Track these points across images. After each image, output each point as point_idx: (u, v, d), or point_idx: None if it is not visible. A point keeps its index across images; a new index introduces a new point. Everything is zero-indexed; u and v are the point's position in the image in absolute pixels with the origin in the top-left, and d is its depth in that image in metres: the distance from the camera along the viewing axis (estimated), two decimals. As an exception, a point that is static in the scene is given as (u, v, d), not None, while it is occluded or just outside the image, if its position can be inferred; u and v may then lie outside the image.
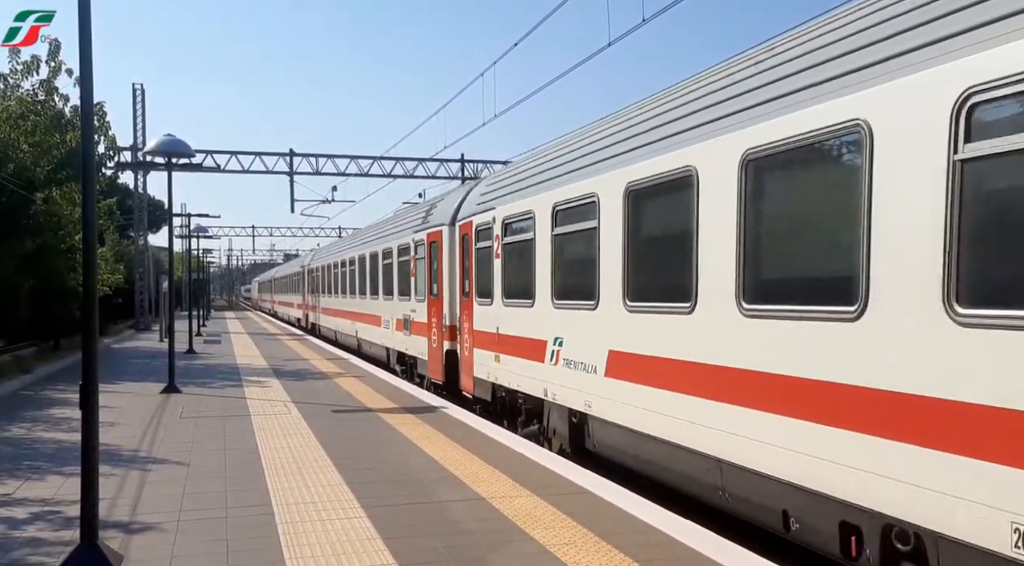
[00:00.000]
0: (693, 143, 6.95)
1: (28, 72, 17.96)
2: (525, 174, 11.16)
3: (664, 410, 7.35)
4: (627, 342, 8.06)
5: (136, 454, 9.38)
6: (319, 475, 8.16)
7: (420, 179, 39.52)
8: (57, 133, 18.68)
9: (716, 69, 7.20)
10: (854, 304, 5.13)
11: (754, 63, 6.52)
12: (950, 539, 4.52)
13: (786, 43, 6.22)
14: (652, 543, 5.91)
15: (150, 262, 40.78)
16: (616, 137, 8.54)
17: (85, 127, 5.69)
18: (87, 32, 5.39)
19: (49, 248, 20.07)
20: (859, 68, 5.17)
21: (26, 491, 7.68)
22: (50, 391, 15.56)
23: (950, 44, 4.51)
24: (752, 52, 6.71)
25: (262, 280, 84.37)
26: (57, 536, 6.19)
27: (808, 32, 5.99)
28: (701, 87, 7.24)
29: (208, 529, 6.37)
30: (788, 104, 5.79)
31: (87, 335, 5.50)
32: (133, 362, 21.81)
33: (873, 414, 4.98)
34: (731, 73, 6.81)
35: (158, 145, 14.52)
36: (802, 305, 5.65)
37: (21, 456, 9.33)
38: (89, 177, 5.65)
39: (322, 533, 6.21)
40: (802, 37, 6.01)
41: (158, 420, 11.89)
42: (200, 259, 49.24)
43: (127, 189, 44.07)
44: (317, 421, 11.49)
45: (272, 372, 18.71)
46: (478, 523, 6.47)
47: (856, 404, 5.12)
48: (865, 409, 5.04)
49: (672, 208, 7.50)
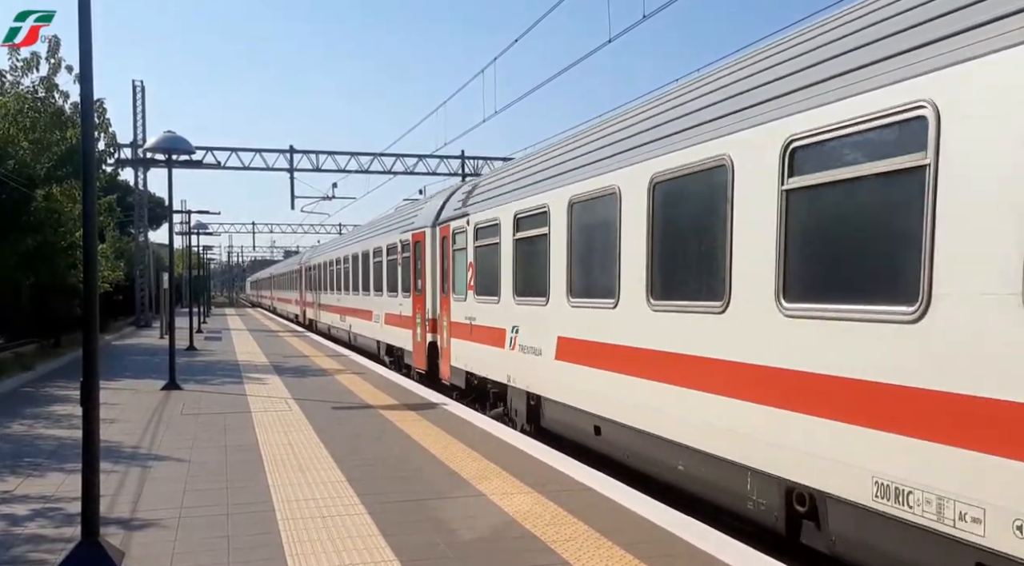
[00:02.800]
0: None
1: (28, 69, 17.94)
2: (492, 185, 12.93)
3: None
4: (571, 330, 9.52)
5: (137, 451, 9.39)
6: (320, 472, 8.17)
7: (420, 176, 39.49)
8: (57, 130, 18.64)
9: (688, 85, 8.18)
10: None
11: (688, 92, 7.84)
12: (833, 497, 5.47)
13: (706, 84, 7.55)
14: (653, 539, 5.92)
15: (150, 259, 40.78)
16: (561, 159, 10.26)
17: (85, 124, 5.68)
18: (87, 29, 5.38)
19: (50, 245, 20.03)
20: (725, 115, 6.73)
21: (27, 488, 7.69)
22: (51, 388, 15.57)
23: (780, 110, 5.98)
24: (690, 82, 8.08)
25: (256, 278, 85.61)
26: (58, 533, 6.21)
27: (699, 85, 7.61)
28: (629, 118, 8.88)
29: (209, 525, 6.38)
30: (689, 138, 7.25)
31: (88, 332, 5.50)
32: (134, 359, 21.82)
33: (754, 386, 6.22)
34: (703, 89, 7.62)
35: (158, 142, 14.52)
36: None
37: (22, 453, 9.34)
38: (89, 174, 5.64)
39: (323, 529, 6.22)
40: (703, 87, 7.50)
41: (159, 417, 11.90)
42: (200, 256, 49.26)
43: (127, 186, 44.06)
44: (318, 418, 11.50)
45: (273, 369, 18.73)
46: (479, 520, 6.48)
47: (732, 377, 6.49)
48: (745, 381, 6.32)
49: (600, 218, 8.86)
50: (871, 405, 5.03)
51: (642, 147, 8.04)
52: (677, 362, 7.27)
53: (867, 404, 5.07)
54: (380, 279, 20.62)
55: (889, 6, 5.34)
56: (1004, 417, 4.19)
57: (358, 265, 24.01)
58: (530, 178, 11.05)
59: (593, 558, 5.52)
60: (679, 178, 7.31)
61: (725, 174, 6.51)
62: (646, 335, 7.84)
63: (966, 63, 4.53)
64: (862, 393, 5.11)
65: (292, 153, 37.23)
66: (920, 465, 4.66)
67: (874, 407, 5.01)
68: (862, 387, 5.12)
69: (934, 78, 4.70)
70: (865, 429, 5.08)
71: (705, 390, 6.84)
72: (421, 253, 16.41)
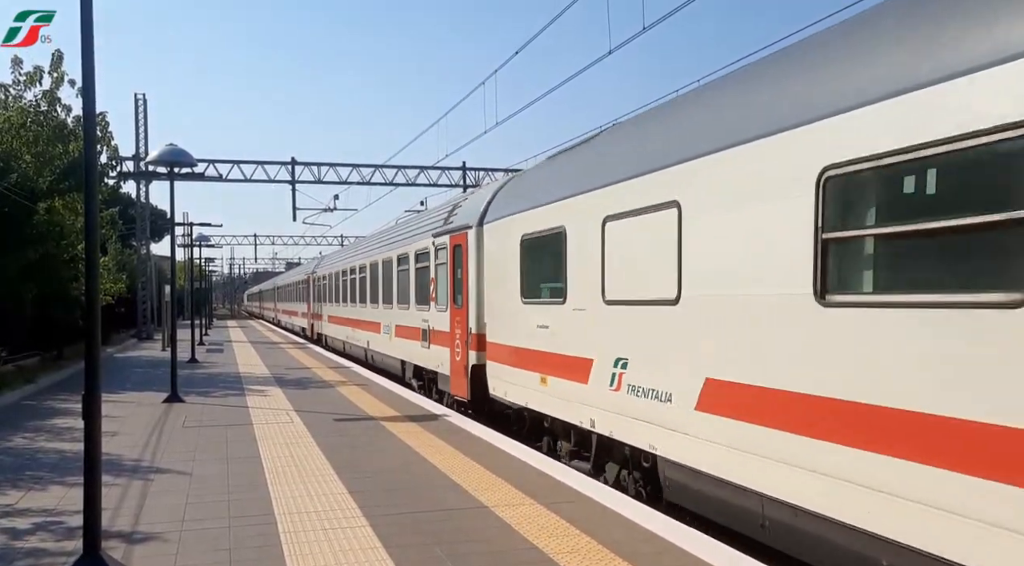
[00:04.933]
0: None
1: (31, 83, 18.04)
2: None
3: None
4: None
5: (139, 464, 9.37)
6: (321, 484, 8.15)
7: (422, 187, 39.49)
8: (59, 143, 18.72)
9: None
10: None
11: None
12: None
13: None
14: (657, 552, 5.89)
15: (152, 271, 40.82)
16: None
17: (87, 137, 5.70)
18: (89, 42, 5.41)
19: (52, 258, 20.09)
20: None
21: (29, 501, 7.67)
22: (53, 401, 15.55)
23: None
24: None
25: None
26: (59, 546, 6.18)
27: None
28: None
29: (211, 539, 6.36)
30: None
31: (90, 345, 5.50)
32: (135, 371, 21.81)
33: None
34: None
35: (160, 155, 14.56)
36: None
37: (24, 466, 9.32)
38: (91, 187, 5.66)
39: (325, 542, 6.20)
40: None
41: (160, 430, 11.88)
42: (202, 268, 49.29)
43: (129, 199, 44.10)
44: (319, 430, 11.48)
45: (274, 381, 18.70)
46: (481, 531, 6.45)
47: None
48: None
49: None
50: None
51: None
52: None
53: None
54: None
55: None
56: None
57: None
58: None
59: (596, 570, 5.49)
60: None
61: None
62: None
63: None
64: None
65: (294, 165, 37.31)
66: None
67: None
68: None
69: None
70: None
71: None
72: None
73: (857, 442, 4.95)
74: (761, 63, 6.92)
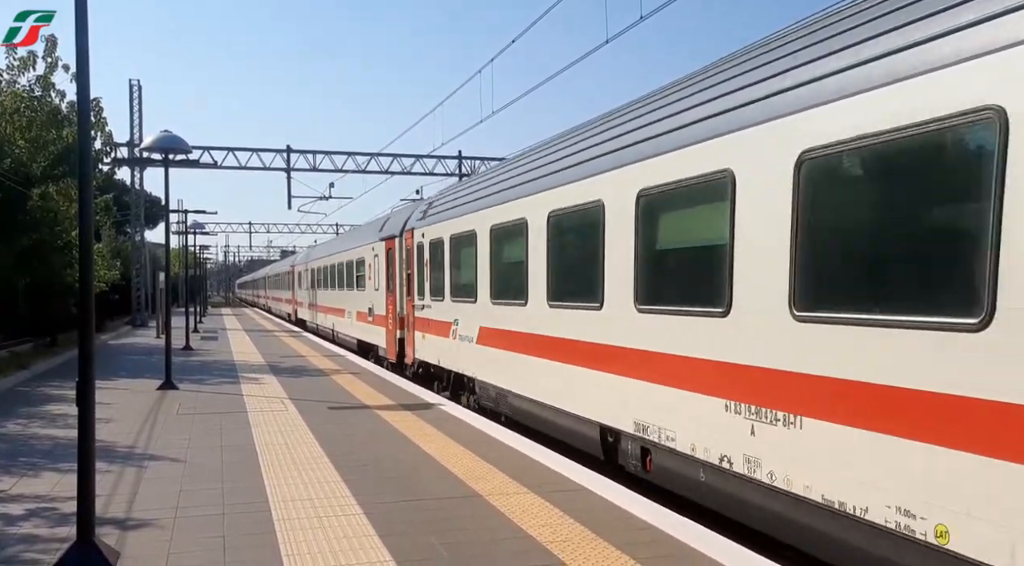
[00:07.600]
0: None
1: (25, 68, 17.91)
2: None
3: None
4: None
5: (132, 451, 9.37)
6: (316, 472, 8.17)
7: (417, 176, 39.44)
8: (53, 129, 18.63)
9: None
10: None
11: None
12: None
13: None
14: (649, 540, 5.92)
15: (147, 258, 40.70)
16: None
17: (82, 123, 5.67)
18: (84, 28, 5.37)
19: (46, 244, 20.01)
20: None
21: (22, 488, 7.68)
22: (47, 387, 15.54)
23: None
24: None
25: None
26: (53, 533, 6.19)
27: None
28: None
29: (205, 526, 6.37)
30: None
31: (84, 331, 5.49)
32: (130, 359, 21.79)
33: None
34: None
35: (155, 141, 14.49)
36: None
37: (17, 453, 9.32)
38: (86, 173, 5.63)
39: (319, 530, 6.21)
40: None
41: (154, 417, 11.89)
42: (197, 255, 49.19)
43: (124, 185, 43.98)
44: (314, 418, 11.49)
45: (269, 369, 18.71)
46: (475, 520, 6.48)
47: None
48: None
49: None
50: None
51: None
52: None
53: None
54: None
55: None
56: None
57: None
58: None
59: (589, 559, 5.51)
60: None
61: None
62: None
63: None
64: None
65: (289, 153, 37.20)
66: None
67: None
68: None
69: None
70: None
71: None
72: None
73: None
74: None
